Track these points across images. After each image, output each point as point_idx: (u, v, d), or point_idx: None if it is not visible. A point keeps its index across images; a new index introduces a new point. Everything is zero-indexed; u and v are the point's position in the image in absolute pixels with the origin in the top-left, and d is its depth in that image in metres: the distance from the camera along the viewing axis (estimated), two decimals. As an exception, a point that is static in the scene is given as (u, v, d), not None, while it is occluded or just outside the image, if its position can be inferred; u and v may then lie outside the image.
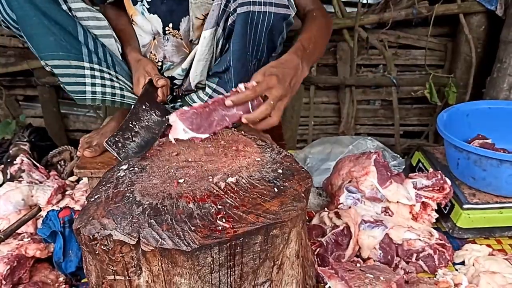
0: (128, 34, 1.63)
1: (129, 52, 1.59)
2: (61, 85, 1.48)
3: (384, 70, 2.52)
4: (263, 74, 1.24)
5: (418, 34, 2.44)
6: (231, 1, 1.41)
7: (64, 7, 1.42)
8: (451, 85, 2.32)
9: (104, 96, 1.50)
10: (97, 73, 1.46)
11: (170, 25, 1.56)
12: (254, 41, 1.42)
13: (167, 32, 1.57)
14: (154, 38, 1.62)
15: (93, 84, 1.47)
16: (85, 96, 1.48)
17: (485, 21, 2.28)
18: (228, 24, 1.45)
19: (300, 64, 1.33)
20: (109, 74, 1.50)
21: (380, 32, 2.38)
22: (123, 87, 1.54)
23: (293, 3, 1.44)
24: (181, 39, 1.59)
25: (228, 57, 1.47)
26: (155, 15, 1.55)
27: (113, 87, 1.51)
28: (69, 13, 1.43)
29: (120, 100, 1.53)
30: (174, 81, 1.67)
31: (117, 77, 1.52)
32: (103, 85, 1.48)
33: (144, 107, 1.33)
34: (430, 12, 2.26)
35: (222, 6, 1.44)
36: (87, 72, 1.44)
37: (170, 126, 1.19)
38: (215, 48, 1.54)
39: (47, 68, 1.44)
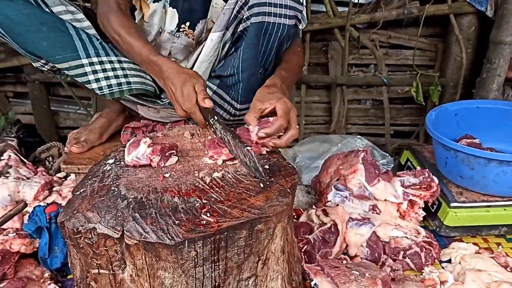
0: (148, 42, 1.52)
1: (163, 59, 1.39)
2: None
3: (375, 69, 2.53)
4: (262, 102, 1.23)
5: (409, 34, 2.45)
6: (245, 8, 1.40)
7: (47, 10, 1.40)
8: (436, 83, 2.33)
9: (111, 88, 1.46)
10: (97, 67, 1.42)
11: (187, 23, 1.54)
12: (265, 51, 1.44)
13: (181, 29, 1.55)
14: (160, 35, 1.58)
15: (97, 80, 1.43)
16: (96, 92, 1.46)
17: (475, 22, 2.30)
18: (238, 30, 1.45)
19: (284, 88, 1.35)
20: (110, 62, 1.44)
21: (371, 31, 2.39)
22: (127, 73, 1.48)
23: (305, 16, 1.46)
24: (193, 39, 1.57)
25: (234, 63, 1.47)
26: (174, 10, 1.52)
27: (116, 76, 1.46)
28: (54, 14, 1.41)
29: (127, 88, 1.48)
30: None
31: (119, 61, 1.46)
32: (107, 78, 1.44)
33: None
34: (421, 12, 2.27)
35: (234, 12, 1.44)
36: (88, 69, 1.41)
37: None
38: (220, 50, 1.54)
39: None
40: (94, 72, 1.42)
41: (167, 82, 1.35)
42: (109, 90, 1.46)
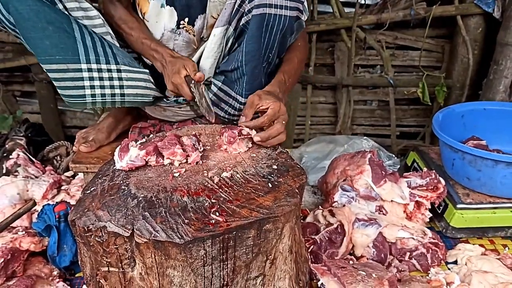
0: (149, 32, 1.60)
1: (161, 47, 1.53)
2: (58, 91, 1.45)
3: (381, 70, 2.53)
4: (259, 98, 1.30)
5: (416, 35, 2.45)
6: (246, 2, 1.42)
7: (60, 6, 1.41)
8: (442, 84, 2.34)
9: (104, 98, 1.47)
10: (95, 74, 1.43)
11: (186, 19, 1.54)
12: (267, 43, 1.44)
13: (181, 26, 1.55)
14: (162, 35, 1.59)
15: (92, 87, 1.44)
16: (85, 100, 1.45)
17: (482, 23, 2.30)
18: (241, 24, 1.46)
19: (281, 95, 1.40)
20: (109, 71, 1.45)
21: (377, 32, 2.39)
22: (123, 84, 1.49)
23: (307, 8, 1.47)
24: (194, 35, 1.58)
25: (238, 56, 1.48)
26: (172, 7, 1.52)
27: (112, 87, 1.47)
28: (64, 11, 1.41)
29: (120, 100, 1.50)
30: None
31: (119, 70, 1.47)
32: (102, 87, 1.45)
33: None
34: (427, 13, 2.27)
35: (235, 6, 1.45)
36: (85, 74, 1.41)
37: None
38: (224, 46, 1.55)
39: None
40: (91, 78, 1.43)
41: (162, 62, 1.50)
42: (101, 99, 1.47)
